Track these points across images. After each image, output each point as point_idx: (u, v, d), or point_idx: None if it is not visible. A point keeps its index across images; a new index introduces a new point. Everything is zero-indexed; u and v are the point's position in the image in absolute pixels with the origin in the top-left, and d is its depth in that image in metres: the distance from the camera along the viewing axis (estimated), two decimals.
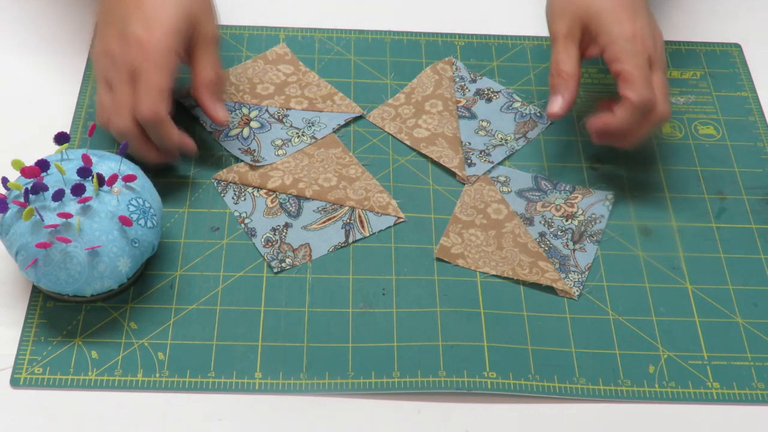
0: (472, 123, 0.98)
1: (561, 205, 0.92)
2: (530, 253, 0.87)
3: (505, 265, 0.87)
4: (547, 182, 0.93)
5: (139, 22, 0.84)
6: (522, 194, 0.92)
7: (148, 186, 0.84)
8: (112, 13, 0.87)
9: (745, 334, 0.84)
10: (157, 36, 0.84)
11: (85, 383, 0.78)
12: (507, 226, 0.90)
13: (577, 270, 0.87)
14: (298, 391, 0.79)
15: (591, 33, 0.89)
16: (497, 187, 0.92)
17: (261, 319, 0.83)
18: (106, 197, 0.79)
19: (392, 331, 0.83)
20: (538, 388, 0.80)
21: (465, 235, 0.89)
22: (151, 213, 0.81)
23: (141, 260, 0.81)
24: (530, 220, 0.90)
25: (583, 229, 0.90)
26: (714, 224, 0.92)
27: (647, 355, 0.83)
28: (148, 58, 0.83)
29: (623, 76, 0.86)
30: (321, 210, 0.90)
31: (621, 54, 0.87)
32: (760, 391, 0.81)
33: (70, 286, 0.79)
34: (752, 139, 0.99)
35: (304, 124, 0.97)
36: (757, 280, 0.88)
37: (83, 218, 0.78)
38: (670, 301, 0.86)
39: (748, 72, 1.05)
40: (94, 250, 0.78)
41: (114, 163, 0.82)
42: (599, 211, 0.91)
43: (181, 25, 0.85)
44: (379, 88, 1.01)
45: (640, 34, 0.87)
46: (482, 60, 1.04)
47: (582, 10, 0.89)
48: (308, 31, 1.06)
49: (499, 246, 0.88)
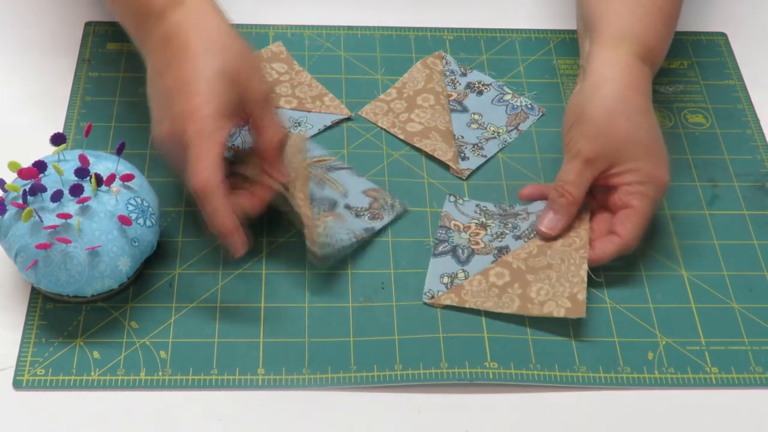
0: (464, 116, 0.99)
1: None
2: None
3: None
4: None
5: (180, 96, 0.79)
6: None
7: (146, 185, 0.84)
8: (155, 91, 0.82)
9: (742, 319, 0.85)
10: (198, 105, 0.78)
11: (88, 383, 0.78)
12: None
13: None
14: (302, 386, 0.79)
15: (617, 165, 0.85)
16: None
17: (262, 315, 0.83)
18: (105, 197, 0.79)
19: (393, 325, 0.83)
20: (539, 377, 0.81)
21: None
22: (149, 212, 0.81)
23: (141, 259, 0.81)
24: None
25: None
26: (707, 211, 0.93)
27: (646, 342, 0.83)
28: (194, 129, 0.78)
29: (629, 213, 0.85)
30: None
31: (642, 196, 0.85)
32: (758, 375, 0.82)
33: (71, 286, 0.79)
34: (741, 126, 1.00)
35: (291, 124, 0.97)
36: (751, 265, 0.89)
37: (82, 218, 0.78)
38: (666, 289, 0.87)
39: (735, 60, 1.06)
40: (94, 250, 0.78)
41: (111, 163, 0.82)
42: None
43: (224, 88, 0.80)
44: (370, 83, 1.01)
45: (668, 185, 0.86)
46: (472, 53, 1.05)
47: (620, 147, 0.85)
48: (298, 29, 1.06)
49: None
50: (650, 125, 0.86)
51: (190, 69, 0.80)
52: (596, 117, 0.85)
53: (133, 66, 0.97)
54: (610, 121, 0.84)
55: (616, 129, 0.84)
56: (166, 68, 0.81)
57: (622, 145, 0.84)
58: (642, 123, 0.85)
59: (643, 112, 0.86)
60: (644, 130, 0.85)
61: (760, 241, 0.91)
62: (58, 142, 0.81)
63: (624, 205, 0.85)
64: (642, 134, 0.85)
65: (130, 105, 0.96)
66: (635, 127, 0.84)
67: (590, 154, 0.85)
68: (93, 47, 1.02)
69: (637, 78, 0.86)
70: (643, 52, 0.87)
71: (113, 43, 1.02)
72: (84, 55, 1.01)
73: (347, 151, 0.95)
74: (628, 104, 0.85)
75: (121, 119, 0.95)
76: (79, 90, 0.98)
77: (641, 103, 0.86)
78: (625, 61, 0.86)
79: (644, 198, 0.85)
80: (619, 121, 0.84)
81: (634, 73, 0.86)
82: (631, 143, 0.84)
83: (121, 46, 1.01)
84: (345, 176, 0.92)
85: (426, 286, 0.85)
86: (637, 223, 0.85)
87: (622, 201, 0.85)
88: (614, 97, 0.85)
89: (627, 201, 0.85)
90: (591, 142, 0.85)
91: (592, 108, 0.85)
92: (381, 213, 0.90)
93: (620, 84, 0.85)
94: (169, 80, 0.80)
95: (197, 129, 0.78)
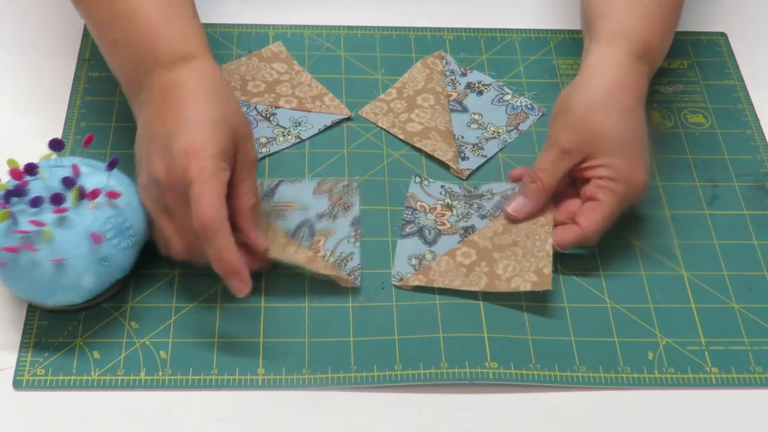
0: (464, 116, 0.99)
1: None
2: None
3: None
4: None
5: (183, 135, 0.78)
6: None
7: (135, 205, 0.81)
8: (150, 135, 0.81)
9: (742, 319, 0.85)
10: (202, 145, 0.77)
11: (88, 383, 0.78)
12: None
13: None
14: (302, 386, 0.79)
15: (594, 158, 0.85)
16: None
17: (261, 315, 0.83)
18: (85, 211, 0.78)
19: (393, 325, 0.83)
20: (540, 377, 0.81)
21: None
22: (128, 233, 0.79)
23: (110, 279, 0.80)
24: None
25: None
26: (707, 211, 0.93)
27: (646, 342, 0.83)
28: (200, 165, 0.77)
29: (594, 205, 0.85)
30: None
31: (610, 191, 0.84)
32: (758, 375, 0.82)
33: (33, 294, 0.78)
34: (741, 126, 1.00)
35: (291, 124, 0.97)
36: (751, 265, 0.89)
37: (58, 229, 0.76)
38: (666, 288, 0.87)
39: (735, 60, 1.06)
40: (60, 263, 0.76)
41: (105, 177, 0.81)
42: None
43: (225, 136, 0.79)
44: (370, 83, 1.01)
45: (644, 186, 0.85)
46: (472, 53, 1.05)
47: (596, 136, 0.85)
48: (298, 28, 1.06)
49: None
50: (632, 123, 0.85)
51: (194, 113, 0.79)
52: (577, 110, 0.85)
53: None
54: (589, 115, 0.85)
55: (595, 123, 0.85)
56: (167, 112, 0.80)
57: (598, 140, 0.85)
58: (622, 120, 0.85)
59: (626, 109, 0.85)
60: (623, 128, 0.85)
61: (760, 241, 0.91)
62: (57, 147, 0.79)
63: (591, 198, 0.85)
64: (619, 131, 0.85)
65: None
66: (614, 123, 0.85)
67: (567, 145, 0.85)
68: (93, 47, 1.02)
69: (629, 75, 0.86)
70: (641, 50, 0.87)
71: None
72: (84, 55, 1.01)
73: (347, 151, 0.95)
74: (612, 100, 0.85)
75: (121, 119, 0.95)
76: (79, 90, 0.98)
77: (626, 101, 0.86)
78: (620, 57, 0.86)
79: (612, 194, 0.84)
80: (597, 116, 0.85)
81: (627, 70, 0.86)
82: (608, 138, 0.85)
83: None
84: (287, 191, 0.91)
85: (394, 269, 0.86)
86: (600, 216, 0.85)
87: (591, 193, 0.85)
88: (599, 91, 0.85)
89: (594, 194, 0.85)
90: (569, 134, 0.85)
91: (576, 101, 0.86)
92: (346, 200, 0.90)
93: (608, 79, 0.86)
94: (170, 123, 0.79)
95: (201, 167, 0.76)
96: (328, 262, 0.85)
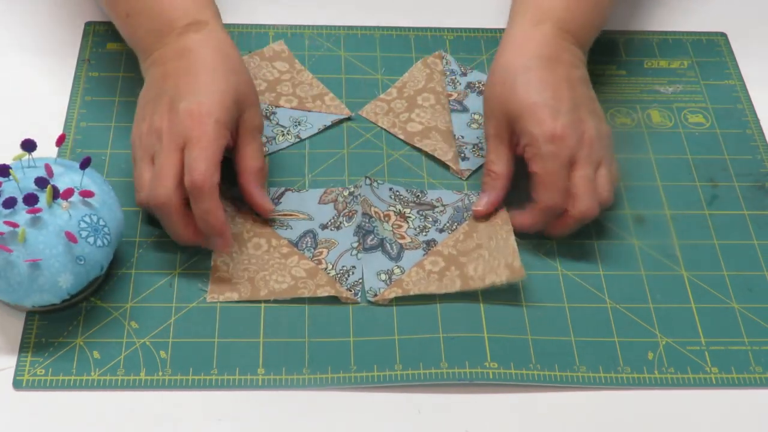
0: (464, 116, 0.99)
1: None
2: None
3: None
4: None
5: (190, 97, 0.82)
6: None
7: (111, 203, 0.81)
8: (159, 91, 0.84)
9: (742, 319, 0.85)
10: (207, 110, 0.81)
11: (88, 383, 0.78)
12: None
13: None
14: (302, 386, 0.79)
15: (516, 133, 0.86)
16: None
17: (261, 315, 0.83)
18: (59, 211, 0.78)
19: (393, 325, 0.83)
20: (540, 377, 0.81)
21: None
22: (104, 232, 0.79)
23: (87, 278, 0.79)
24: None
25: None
26: (707, 211, 0.93)
27: (646, 342, 0.83)
28: (202, 129, 0.80)
29: (534, 179, 0.85)
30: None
31: (535, 156, 0.84)
32: (758, 375, 0.82)
33: (10, 295, 0.78)
34: (741, 126, 1.00)
35: (291, 123, 0.97)
36: (751, 265, 0.89)
37: (32, 229, 0.76)
38: (666, 288, 0.87)
39: (735, 60, 1.06)
40: (35, 263, 0.76)
41: (79, 176, 0.81)
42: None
43: (230, 105, 0.83)
44: (370, 83, 1.01)
45: (560, 134, 0.83)
46: (472, 53, 1.05)
47: (507, 110, 0.85)
48: (298, 29, 1.06)
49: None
50: (529, 79, 0.85)
51: (204, 79, 0.83)
52: (488, 95, 0.88)
53: (133, 66, 0.97)
54: (495, 93, 0.87)
55: (501, 99, 0.86)
56: (179, 73, 0.84)
57: (508, 112, 0.86)
58: (521, 83, 0.85)
59: (522, 69, 0.86)
60: (523, 90, 0.85)
61: (760, 241, 0.91)
62: (28, 148, 0.79)
63: (531, 175, 0.85)
64: (520, 95, 0.85)
65: (130, 105, 0.96)
66: (512, 90, 0.85)
67: (492, 130, 0.87)
68: (93, 47, 1.02)
69: (523, 35, 0.88)
70: (540, 14, 0.88)
71: (113, 43, 1.02)
72: (84, 55, 1.01)
73: (347, 151, 0.95)
74: (508, 68, 0.87)
75: (121, 119, 0.95)
76: (79, 90, 0.98)
77: (520, 60, 0.86)
78: (517, 28, 0.88)
79: (539, 159, 0.84)
80: (500, 90, 0.86)
81: (523, 33, 0.88)
82: (513, 107, 0.85)
83: (121, 46, 1.01)
84: (293, 200, 0.91)
85: (366, 285, 0.85)
86: (541, 185, 0.84)
87: (529, 167, 0.85)
88: (497, 67, 0.88)
89: (530, 167, 0.85)
90: (490, 118, 0.88)
91: (486, 88, 0.89)
92: (350, 208, 0.89)
93: (501, 52, 0.88)
94: (181, 84, 0.83)
95: (203, 130, 0.81)
96: (329, 275, 0.85)
